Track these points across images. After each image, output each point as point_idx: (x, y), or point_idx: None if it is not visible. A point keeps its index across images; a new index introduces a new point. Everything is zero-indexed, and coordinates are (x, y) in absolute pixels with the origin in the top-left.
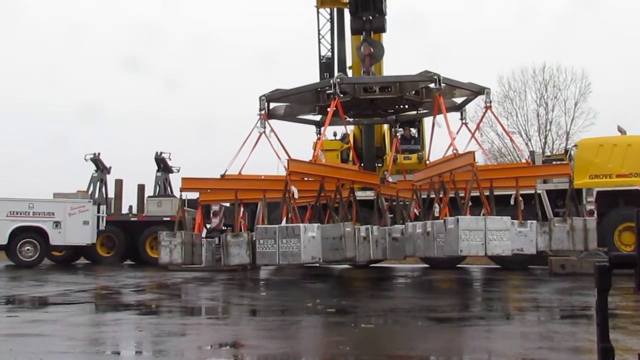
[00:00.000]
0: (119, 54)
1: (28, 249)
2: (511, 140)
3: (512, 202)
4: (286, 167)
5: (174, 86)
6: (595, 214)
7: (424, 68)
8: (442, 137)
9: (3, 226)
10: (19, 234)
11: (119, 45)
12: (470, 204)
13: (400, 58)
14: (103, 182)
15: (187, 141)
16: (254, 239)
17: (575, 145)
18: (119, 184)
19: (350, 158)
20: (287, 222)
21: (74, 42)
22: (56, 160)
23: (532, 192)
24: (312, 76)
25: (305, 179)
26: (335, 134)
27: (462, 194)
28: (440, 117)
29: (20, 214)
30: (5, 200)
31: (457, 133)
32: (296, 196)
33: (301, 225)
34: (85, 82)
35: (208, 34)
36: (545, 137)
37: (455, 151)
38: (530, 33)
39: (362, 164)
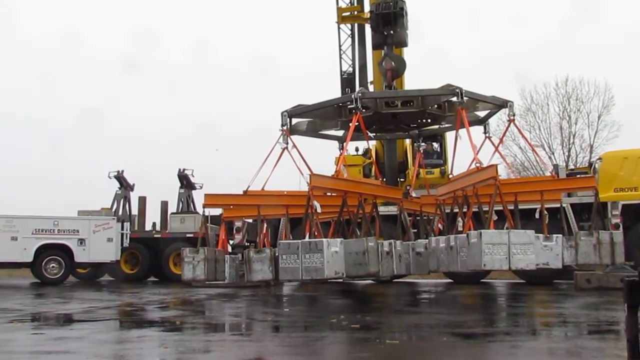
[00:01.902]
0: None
1: (53, 266)
2: (535, 153)
3: (537, 216)
4: (308, 182)
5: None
6: (621, 228)
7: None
8: (465, 151)
9: (29, 244)
10: (44, 251)
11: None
12: (495, 217)
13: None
14: (127, 199)
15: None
16: (277, 254)
17: (600, 158)
18: (142, 201)
19: (373, 173)
20: (310, 238)
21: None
22: (77, 176)
23: (557, 206)
24: (311, 80)
25: (328, 194)
26: (357, 149)
27: (486, 208)
28: (462, 131)
29: (46, 231)
30: (31, 218)
31: (480, 147)
32: (318, 211)
33: (324, 240)
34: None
35: (206, 39)
36: (569, 150)
37: (478, 165)
38: (554, 44)
39: (385, 179)
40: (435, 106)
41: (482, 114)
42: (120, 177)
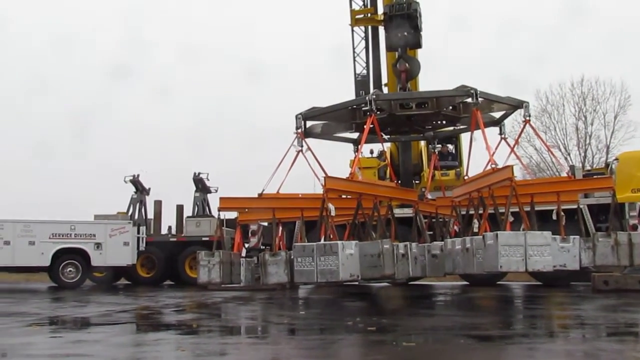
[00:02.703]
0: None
1: (70, 270)
2: (552, 154)
3: (554, 217)
4: (323, 184)
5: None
6: (639, 229)
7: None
8: (480, 152)
9: (46, 248)
10: (61, 255)
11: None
12: (511, 219)
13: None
14: (142, 203)
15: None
16: (292, 257)
17: (617, 159)
18: (158, 204)
19: (388, 175)
20: (325, 240)
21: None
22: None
23: (574, 207)
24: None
25: (343, 196)
26: (372, 152)
27: (502, 210)
28: (477, 132)
29: (62, 235)
30: (48, 222)
31: (496, 148)
32: (333, 214)
33: (339, 242)
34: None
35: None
36: (585, 151)
37: (493, 166)
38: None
39: (400, 181)
40: (450, 107)
41: (497, 114)
42: (136, 182)
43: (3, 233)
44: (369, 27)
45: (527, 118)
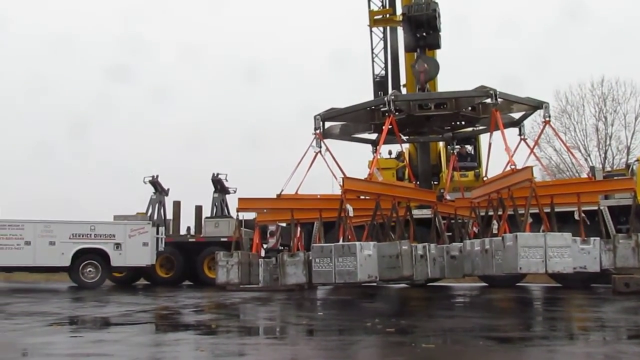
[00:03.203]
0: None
1: (90, 271)
2: (572, 155)
3: (576, 217)
4: (341, 185)
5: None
6: None
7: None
8: (499, 153)
9: (66, 248)
10: (81, 255)
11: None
12: (530, 220)
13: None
14: (161, 204)
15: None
16: (310, 258)
17: (637, 160)
18: (176, 205)
19: (406, 176)
20: (343, 241)
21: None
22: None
23: (594, 208)
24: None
25: (361, 197)
26: (390, 153)
27: (521, 211)
28: (497, 133)
29: (82, 236)
30: (68, 223)
31: (515, 149)
32: (351, 214)
33: (357, 243)
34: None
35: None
36: (605, 152)
37: (513, 167)
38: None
39: (418, 182)
40: (469, 108)
41: (517, 115)
42: (155, 182)
43: (24, 233)
44: (387, 28)
45: (547, 119)
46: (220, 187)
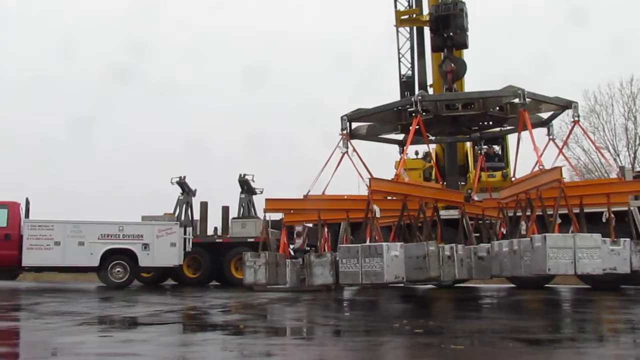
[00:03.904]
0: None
1: (118, 271)
2: (601, 155)
3: (603, 220)
4: (368, 186)
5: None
6: None
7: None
8: (527, 153)
9: (95, 249)
10: (109, 256)
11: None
12: (559, 221)
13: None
14: (189, 204)
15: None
16: (337, 259)
17: None
18: (204, 206)
19: (433, 176)
20: (370, 242)
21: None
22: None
23: (624, 209)
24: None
25: (388, 198)
26: (417, 153)
27: (550, 212)
28: (525, 133)
29: (111, 236)
30: (97, 223)
31: (544, 149)
32: (378, 215)
33: (384, 244)
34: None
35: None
36: (635, 152)
37: (541, 167)
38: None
39: (445, 183)
40: (497, 108)
41: (545, 115)
42: (182, 183)
43: (53, 233)
44: (414, 28)
45: (576, 119)
46: (247, 187)
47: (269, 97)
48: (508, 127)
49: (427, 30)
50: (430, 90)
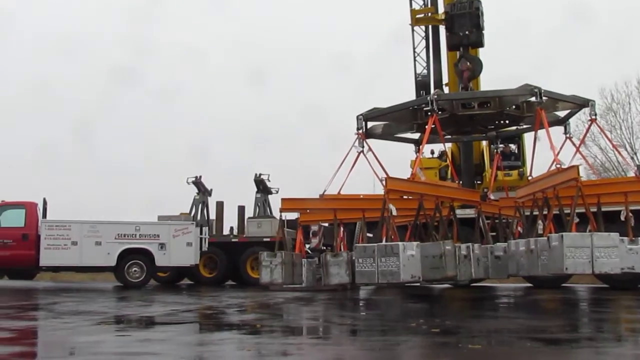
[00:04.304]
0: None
1: (135, 270)
2: (618, 153)
3: (622, 218)
4: (384, 185)
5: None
6: None
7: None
8: (544, 152)
9: (112, 248)
10: (126, 255)
11: None
12: (576, 220)
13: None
14: (205, 204)
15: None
16: (353, 258)
17: None
18: (219, 205)
19: (449, 176)
20: (386, 241)
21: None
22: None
23: None
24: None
25: (404, 197)
26: (432, 152)
27: (567, 211)
28: (541, 132)
29: (128, 236)
30: (114, 223)
31: (561, 148)
32: (394, 214)
33: (400, 243)
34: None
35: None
36: None
37: (558, 166)
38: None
39: (461, 182)
40: (514, 107)
41: (562, 114)
42: (198, 183)
43: (71, 233)
44: (429, 27)
45: (593, 117)
46: (262, 187)
47: (271, 98)
48: (524, 126)
49: (442, 29)
50: (446, 89)
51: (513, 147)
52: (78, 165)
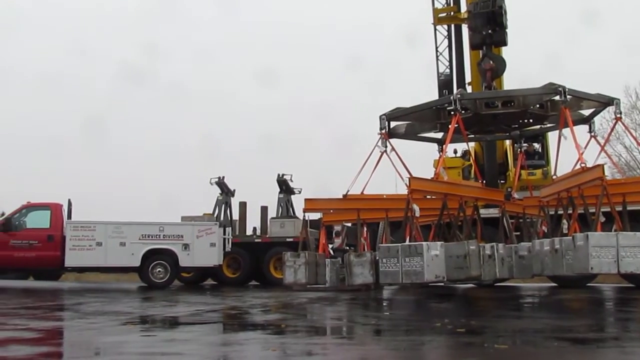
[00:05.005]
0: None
1: (159, 271)
2: None
3: None
4: (408, 185)
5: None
6: None
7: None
8: (568, 151)
9: (136, 249)
10: (150, 256)
11: None
12: (603, 219)
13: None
14: (228, 204)
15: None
16: (377, 258)
17: None
18: (242, 206)
19: (472, 175)
20: (410, 241)
21: None
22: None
23: None
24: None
25: (428, 197)
26: (455, 151)
27: (592, 210)
28: (566, 130)
29: (152, 237)
30: (138, 224)
31: (586, 146)
32: (417, 214)
33: (424, 243)
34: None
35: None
36: None
37: (583, 165)
38: None
39: (485, 181)
40: (538, 106)
41: (586, 112)
42: (221, 183)
43: (95, 234)
44: (452, 26)
45: (618, 115)
46: (285, 187)
47: (282, 97)
48: (548, 125)
49: (465, 28)
50: (469, 89)
51: (537, 146)
52: (83, 163)
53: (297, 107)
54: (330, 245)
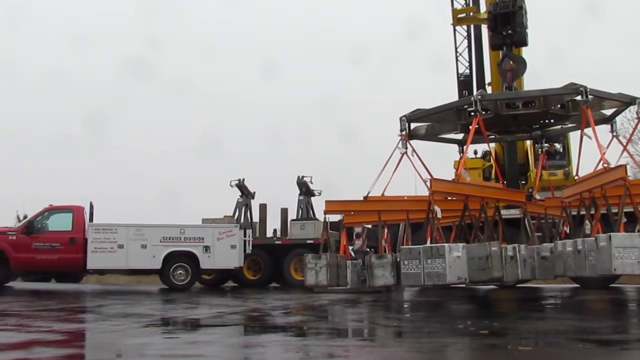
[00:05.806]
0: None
1: (180, 273)
2: None
3: None
4: (429, 186)
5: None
6: None
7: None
8: (589, 150)
9: (157, 251)
10: (171, 258)
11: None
12: (624, 220)
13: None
14: (248, 206)
15: None
16: (398, 260)
17: None
18: (263, 208)
19: (493, 176)
20: (431, 243)
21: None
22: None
23: None
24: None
25: (449, 198)
26: (476, 152)
27: (614, 210)
28: (588, 130)
29: (173, 239)
30: (159, 226)
31: (608, 146)
32: (439, 216)
33: (446, 245)
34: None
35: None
36: None
37: (605, 165)
38: None
39: (506, 182)
40: (559, 106)
41: (608, 112)
42: (241, 186)
43: (117, 237)
44: (472, 26)
45: None
46: (305, 189)
47: (285, 92)
48: (570, 125)
49: (484, 28)
50: (489, 89)
51: (558, 146)
52: (89, 159)
53: (302, 104)
54: (351, 247)
